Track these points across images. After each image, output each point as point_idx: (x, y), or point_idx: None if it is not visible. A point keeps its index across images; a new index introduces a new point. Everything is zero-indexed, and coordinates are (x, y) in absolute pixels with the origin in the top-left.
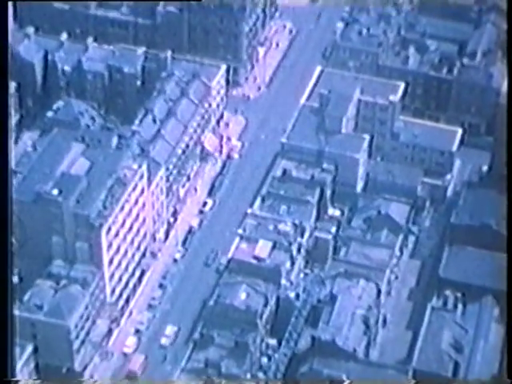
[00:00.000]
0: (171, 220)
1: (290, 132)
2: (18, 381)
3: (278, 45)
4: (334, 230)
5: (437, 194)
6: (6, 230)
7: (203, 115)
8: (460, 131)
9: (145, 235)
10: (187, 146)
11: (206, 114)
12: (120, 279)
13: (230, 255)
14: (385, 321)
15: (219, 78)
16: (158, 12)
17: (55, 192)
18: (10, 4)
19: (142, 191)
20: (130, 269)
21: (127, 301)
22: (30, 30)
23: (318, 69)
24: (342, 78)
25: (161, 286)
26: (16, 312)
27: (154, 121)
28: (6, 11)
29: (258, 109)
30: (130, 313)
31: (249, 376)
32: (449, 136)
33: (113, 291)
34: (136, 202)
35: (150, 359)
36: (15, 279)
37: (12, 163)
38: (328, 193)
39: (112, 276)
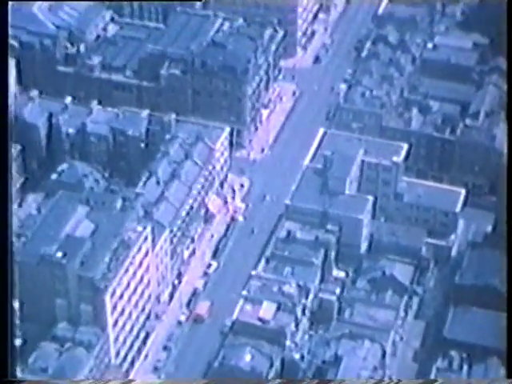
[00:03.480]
0: (175, 282)
1: (294, 193)
2: (17, 381)
3: (281, 107)
4: (338, 291)
5: (441, 254)
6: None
7: (207, 177)
8: (463, 192)
9: (149, 297)
10: (191, 207)
11: (209, 175)
12: (125, 341)
13: (234, 317)
14: None
15: (223, 140)
16: (162, 75)
17: (59, 254)
18: (13, 66)
19: (147, 253)
20: (135, 331)
21: (132, 363)
22: (34, 93)
23: (322, 130)
24: (345, 140)
25: (165, 348)
26: (20, 375)
27: (158, 183)
28: (5, 12)
29: (261, 170)
30: (135, 375)
31: None
32: (452, 196)
33: (117, 353)
34: (140, 264)
35: None
36: (18, 342)
37: (16, 226)
38: (332, 254)
39: (117, 338)
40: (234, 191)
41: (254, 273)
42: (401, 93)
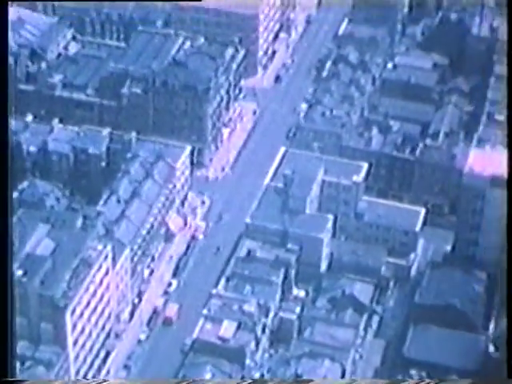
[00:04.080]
0: (136, 301)
1: (254, 212)
2: (18, 381)
3: (242, 126)
4: (298, 310)
5: (401, 273)
6: None
7: (168, 196)
8: (423, 211)
9: (109, 316)
10: (152, 226)
11: (170, 194)
12: (85, 360)
13: (194, 335)
14: None
15: (184, 159)
16: (123, 93)
17: (20, 273)
18: None
19: (107, 272)
20: (95, 350)
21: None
22: None
23: (282, 149)
24: (305, 159)
25: (125, 366)
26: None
27: (119, 201)
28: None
29: (222, 189)
30: None
31: None
32: (412, 216)
33: (77, 372)
34: (101, 282)
35: None
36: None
37: None
38: (292, 273)
39: (77, 357)
40: (194, 210)
41: (214, 291)
42: (361, 112)
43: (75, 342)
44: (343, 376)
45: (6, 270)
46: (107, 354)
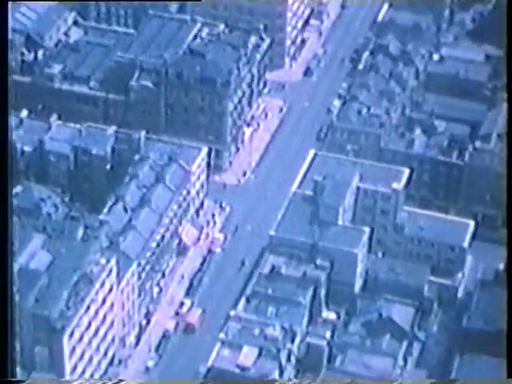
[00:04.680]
0: (143, 323)
1: (280, 223)
2: (18, 381)
3: (266, 125)
4: (328, 335)
5: (446, 294)
6: None
7: (181, 203)
8: (472, 224)
9: (113, 340)
10: (162, 238)
11: (184, 202)
12: None
13: (210, 363)
14: None
15: (200, 162)
16: (132, 87)
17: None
18: None
19: (111, 289)
20: (96, 378)
21: None
22: None
23: (312, 152)
24: (338, 163)
25: None
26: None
27: (125, 209)
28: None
29: (243, 197)
30: None
31: None
32: (460, 229)
33: None
34: (103, 301)
35: None
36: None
37: None
38: (322, 292)
39: None
40: (211, 220)
41: (232, 313)
42: (402, 111)
43: (73, 369)
44: None
45: (5, 270)
46: None
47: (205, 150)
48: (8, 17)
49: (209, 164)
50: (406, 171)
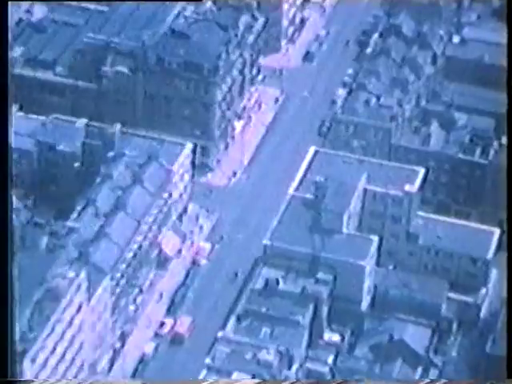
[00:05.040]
0: (117, 346)
1: (275, 231)
2: (18, 381)
3: (260, 117)
4: (331, 359)
5: (467, 314)
6: None
7: (161, 208)
8: (498, 232)
9: (82, 365)
10: (140, 247)
11: (164, 206)
12: None
13: None
14: None
15: (183, 160)
16: (104, 73)
17: None
18: None
19: (80, 307)
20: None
21: None
22: None
23: (312, 149)
24: (343, 162)
25: None
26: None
27: (97, 215)
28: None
29: (233, 201)
30: None
31: None
32: (483, 238)
33: None
34: (71, 321)
35: None
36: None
37: None
38: (324, 311)
39: None
40: (196, 227)
41: (220, 334)
42: (417, 102)
43: None
44: None
45: (5, 270)
46: None
47: (189, 146)
48: (8, 17)
49: (194, 163)
50: (421, 171)
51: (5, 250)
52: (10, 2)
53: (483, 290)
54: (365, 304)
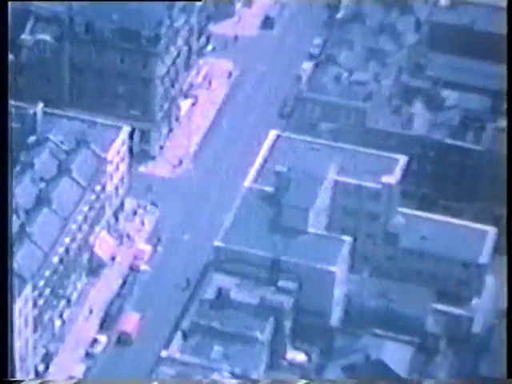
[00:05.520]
0: (40, 368)
1: (228, 231)
2: (17, 381)
3: (210, 96)
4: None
5: (457, 328)
6: None
7: (93, 204)
8: (493, 231)
9: None
10: (67, 251)
11: (97, 201)
12: None
13: None
14: None
15: (119, 147)
16: (23, 42)
17: None
18: None
19: None
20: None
21: None
22: None
23: (273, 134)
24: (309, 149)
25: None
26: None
27: (16, 211)
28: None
29: (178, 194)
30: None
31: None
32: (476, 238)
33: None
34: None
35: None
36: None
37: None
38: (287, 325)
39: None
40: (134, 226)
41: (164, 354)
42: (397, 76)
43: None
44: None
45: (5, 270)
46: None
47: (126, 129)
48: (8, 17)
49: (131, 149)
50: (402, 159)
51: (5, 250)
52: (9, 2)
53: (475, 301)
54: (335, 317)
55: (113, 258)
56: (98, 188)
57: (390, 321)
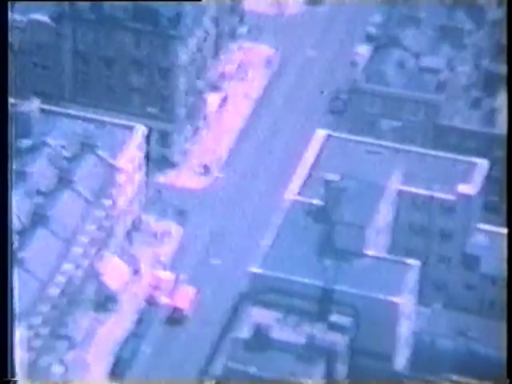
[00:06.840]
0: None
1: (268, 254)
2: (18, 381)
3: (245, 88)
4: None
5: None
6: None
7: (101, 222)
8: None
9: None
10: (69, 280)
11: (106, 219)
12: None
13: None
14: None
15: (132, 153)
16: (15, 23)
17: None
18: None
19: None
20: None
21: None
22: None
23: (322, 134)
24: (366, 152)
25: None
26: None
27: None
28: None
29: (205, 209)
30: None
31: None
32: None
33: None
34: None
35: None
36: None
37: None
38: (341, 370)
39: None
40: (152, 249)
41: None
42: (476, 61)
43: None
44: None
45: (5, 270)
46: None
47: (141, 130)
48: (8, 17)
49: (148, 155)
50: (483, 164)
51: (5, 251)
52: (9, 2)
53: None
54: (401, 360)
55: (126, 289)
56: (108, 203)
57: (470, 364)
